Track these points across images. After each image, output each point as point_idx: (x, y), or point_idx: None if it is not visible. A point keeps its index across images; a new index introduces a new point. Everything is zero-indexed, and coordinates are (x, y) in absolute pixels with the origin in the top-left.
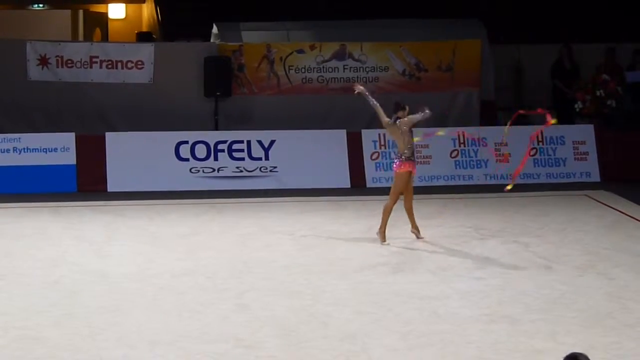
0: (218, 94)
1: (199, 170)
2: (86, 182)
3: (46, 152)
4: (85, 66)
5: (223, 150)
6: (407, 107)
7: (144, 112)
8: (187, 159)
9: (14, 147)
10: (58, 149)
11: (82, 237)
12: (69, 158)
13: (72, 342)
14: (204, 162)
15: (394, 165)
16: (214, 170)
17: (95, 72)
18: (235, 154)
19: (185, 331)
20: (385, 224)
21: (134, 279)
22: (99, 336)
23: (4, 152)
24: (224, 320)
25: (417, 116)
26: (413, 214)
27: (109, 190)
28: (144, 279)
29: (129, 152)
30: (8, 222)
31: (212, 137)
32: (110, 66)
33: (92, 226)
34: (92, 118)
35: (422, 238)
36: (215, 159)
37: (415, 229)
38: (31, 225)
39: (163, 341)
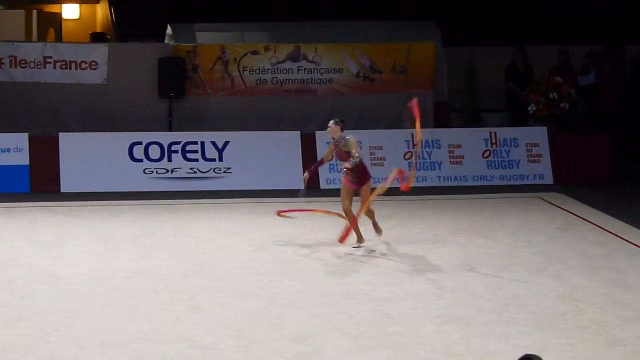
0: (172, 94)
1: (152, 171)
2: (39, 183)
3: (0, 152)
4: (39, 66)
5: (177, 151)
6: (339, 124)
7: (98, 113)
8: (141, 160)
9: None
10: (11, 149)
11: (34, 238)
12: (22, 158)
13: (24, 343)
14: (157, 162)
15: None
16: (167, 171)
17: (49, 72)
18: (189, 155)
19: (139, 332)
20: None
21: (86, 280)
22: (51, 337)
23: None
24: (177, 322)
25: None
26: (371, 217)
27: (62, 190)
28: (96, 280)
29: (82, 153)
30: None
31: (165, 138)
32: (64, 66)
33: (45, 227)
34: (45, 118)
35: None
36: (169, 159)
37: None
38: None
39: (116, 342)
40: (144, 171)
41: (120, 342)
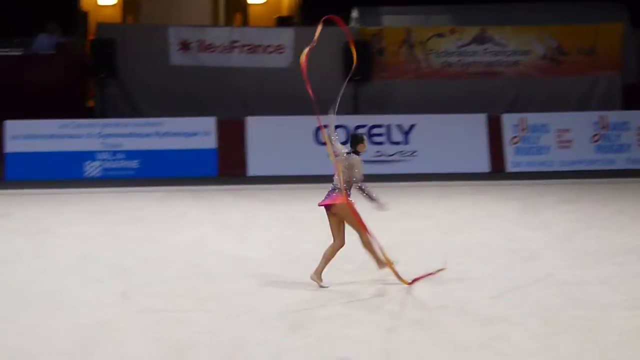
0: (358, 78)
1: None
2: (227, 166)
3: (187, 136)
4: (226, 51)
5: None
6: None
7: (284, 96)
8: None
9: (155, 131)
10: (199, 133)
11: (222, 220)
12: (210, 142)
13: (212, 324)
14: (343, 146)
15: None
16: None
17: (236, 56)
18: (374, 139)
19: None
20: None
21: (273, 262)
22: (240, 318)
23: (146, 136)
24: (364, 303)
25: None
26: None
27: (248, 174)
28: (283, 263)
29: (269, 136)
30: (150, 206)
31: (351, 121)
32: (250, 51)
33: (232, 210)
34: (232, 102)
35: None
36: None
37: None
38: (173, 209)
39: (305, 324)
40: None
41: (308, 324)
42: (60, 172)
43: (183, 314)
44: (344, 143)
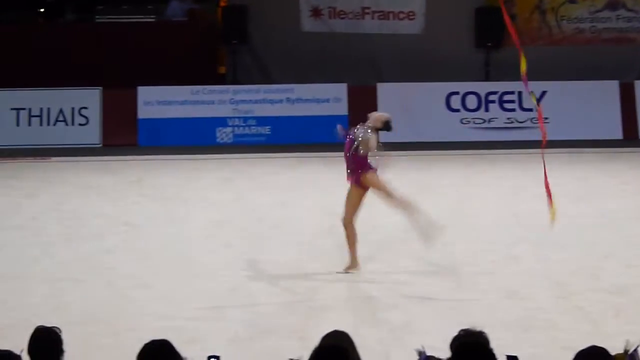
0: (489, 44)
1: (469, 121)
2: None
3: (318, 102)
4: (358, 17)
5: (494, 102)
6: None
7: (415, 63)
8: (458, 110)
9: (287, 98)
10: (330, 99)
11: None
12: (341, 108)
13: (344, 290)
14: (474, 113)
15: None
16: (484, 121)
17: (368, 22)
18: (506, 105)
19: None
20: None
21: (404, 228)
22: (371, 284)
23: (277, 102)
24: (494, 272)
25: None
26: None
27: (380, 140)
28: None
29: (400, 103)
30: (282, 172)
31: (483, 88)
32: (382, 17)
33: None
34: (363, 69)
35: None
36: (486, 110)
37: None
38: (304, 175)
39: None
40: (460, 121)
41: (438, 293)
42: (192, 139)
43: (312, 279)
44: None
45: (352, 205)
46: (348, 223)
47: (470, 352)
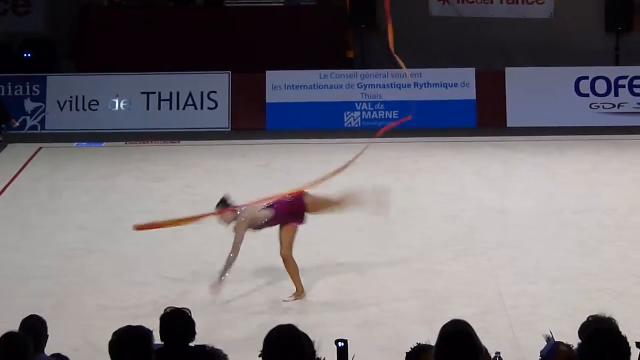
0: (619, 29)
1: (599, 106)
2: (486, 118)
3: (446, 87)
4: (486, 2)
5: (624, 87)
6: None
7: (544, 48)
8: (587, 95)
9: (415, 83)
10: (458, 84)
11: (481, 172)
12: (469, 93)
13: (471, 277)
14: (604, 98)
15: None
16: (614, 106)
17: (496, 7)
18: (636, 90)
19: (585, 268)
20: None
21: (533, 215)
22: (499, 271)
23: (404, 87)
24: (624, 258)
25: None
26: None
27: (508, 125)
28: (543, 216)
29: (528, 88)
30: (408, 157)
31: (612, 72)
32: (510, 2)
33: (491, 162)
34: (492, 53)
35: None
36: (616, 94)
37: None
38: (431, 160)
39: (563, 278)
40: (590, 106)
41: (566, 277)
42: (320, 123)
43: (440, 265)
44: None
45: (290, 239)
46: (288, 256)
47: (604, 338)
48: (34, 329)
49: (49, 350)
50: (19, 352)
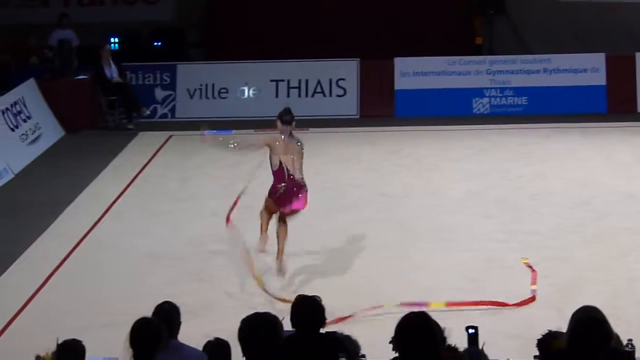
0: None
1: None
2: (616, 103)
3: (576, 72)
4: None
5: None
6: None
7: None
8: None
9: (544, 68)
10: (588, 69)
11: (611, 158)
12: (599, 79)
13: (601, 263)
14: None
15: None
16: None
17: None
18: None
19: None
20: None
21: None
22: (628, 257)
23: (534, 72)
24: None
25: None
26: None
27: (638, 111)
28: None
29: None
30: (537, 143)
31: None
32: None
33: (621, 147)
34: (621, 38)
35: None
36: None
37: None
38: (561, 145)
39: None
40: None
41: None
42: (449, 109)
43: (569, 251)
44: None
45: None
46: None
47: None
48: (167, 314)
49: (190, 339)
50: (153, 337)
